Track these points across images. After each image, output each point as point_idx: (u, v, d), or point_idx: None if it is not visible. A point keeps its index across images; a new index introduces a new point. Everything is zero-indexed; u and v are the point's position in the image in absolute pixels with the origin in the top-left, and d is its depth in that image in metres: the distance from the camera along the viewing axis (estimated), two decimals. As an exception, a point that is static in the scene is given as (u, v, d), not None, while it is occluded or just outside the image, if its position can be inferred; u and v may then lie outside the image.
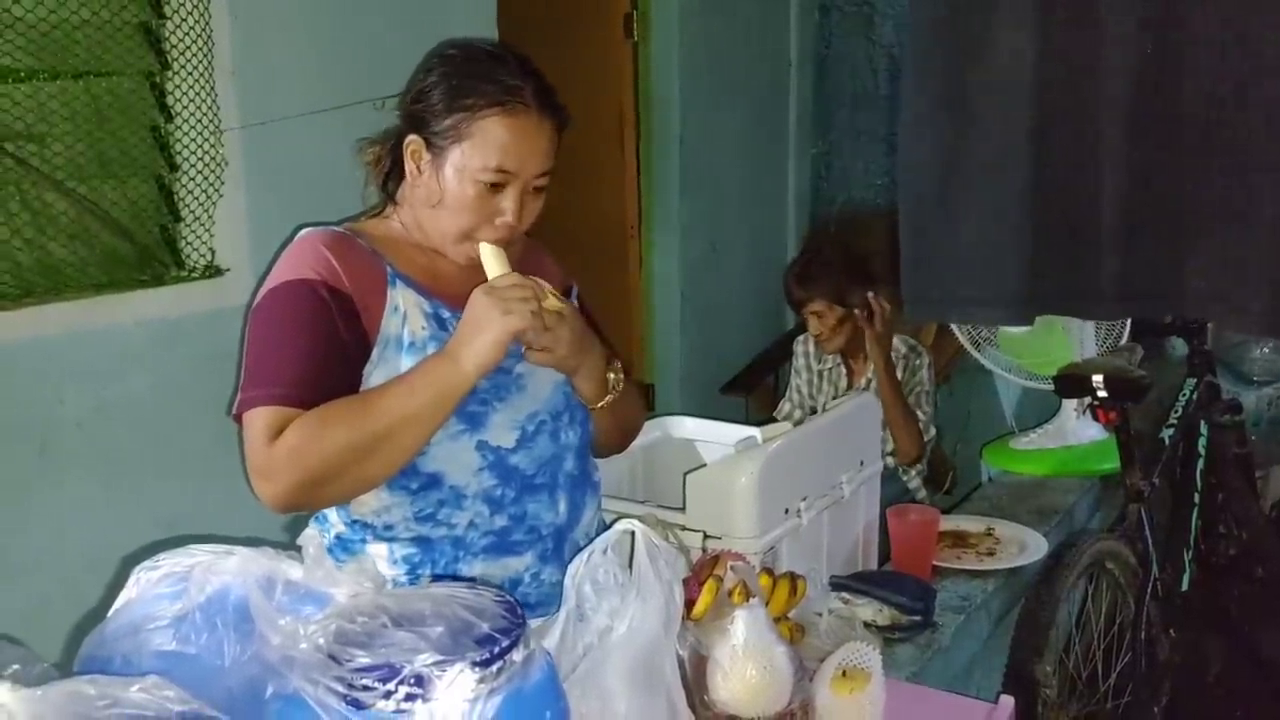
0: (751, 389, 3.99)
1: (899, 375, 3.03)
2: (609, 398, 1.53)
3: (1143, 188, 1.54)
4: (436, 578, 1.44)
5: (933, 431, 3.09)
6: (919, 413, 3.06)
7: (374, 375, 1.42)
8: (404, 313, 1.44)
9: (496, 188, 1.43)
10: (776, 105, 4.24)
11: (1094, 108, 1.53)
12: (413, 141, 1.46)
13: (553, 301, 1.39)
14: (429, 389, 1.35)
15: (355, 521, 1.48)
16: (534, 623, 1.17)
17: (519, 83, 1.43)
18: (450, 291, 1.48)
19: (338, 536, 1.50)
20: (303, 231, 1.49)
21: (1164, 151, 1.52)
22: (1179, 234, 1.54)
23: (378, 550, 1.47)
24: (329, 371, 1.38)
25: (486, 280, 1.40)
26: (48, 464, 2.08)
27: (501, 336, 1.34)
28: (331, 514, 1.50)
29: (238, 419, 1.39)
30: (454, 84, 1.44)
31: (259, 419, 1.35)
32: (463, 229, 1.45)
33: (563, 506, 1.53)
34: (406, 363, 1.41)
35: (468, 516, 1.46)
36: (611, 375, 1.53)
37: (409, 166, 1.48)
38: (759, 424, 2.04)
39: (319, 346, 1.39)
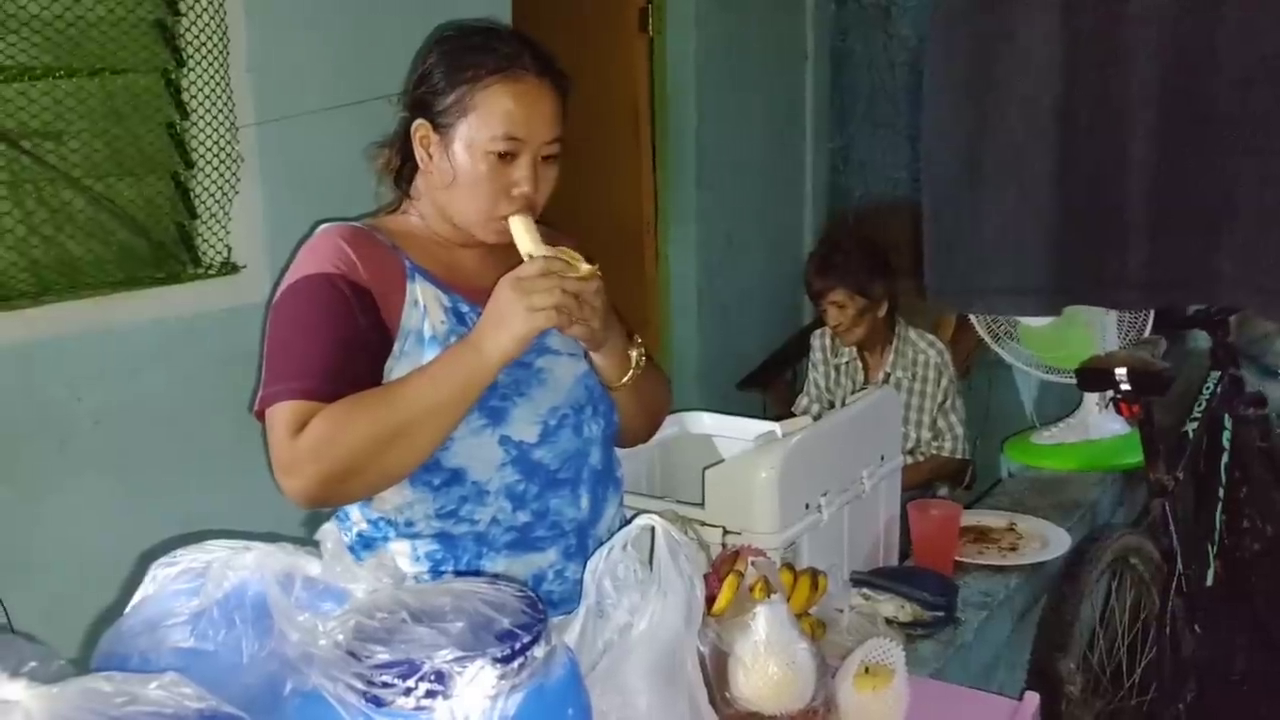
0: (769, 384, 3.97)
1: (940, 382, 3.03)
2: (631, 374, 1.52)
3: (1171, 174, 1.52)
4: (459, 574, 1.42)
5: (965, 447, 3.09)
6: (953, 417, 3.05)
7: (396, 369, 1.41)
8: (424, 307, 1.43)
9: (508, 158, 1.41)
10: (793, 99, 4.22)
11: (1121, 92, 1.51)
12: (420, 126, 1.45)
13: (584, 268, 1.35)
14: (453, 378, 1.34)
15: (377, 519, 1.47)
16: (556, 619, 1.15)
17: (516, 51, 1.42)
18: (469, 286, 1.47)
19: (359, 534, 1.48)
20: (321, 227, 1.48)
21: (1193, 136, 1.49)
22: (1208, 221, 1.52)
23: (400, 547, 1.45)
24: (351, 365, 1.37)
25: (509, 268, 1.36)
26: (65, 461, 2.08)
27: (526, 332, 1.32)
28: (353, 511, 1.49)
29: (260, 416, 1.38)
30: (453, 61, 1.43)
31: (282, 414, 1.34)
32: (481, 205, 1.43)
33: (585, 502, 1.52)
34: (429, 356, 1.40)
35: (490, 512, 1.44)
36: (633, 353, 1.52)
37: (419, 153, 1.46)
38: (777, 419, 2.02)
39: (340, 340, 1.38)
